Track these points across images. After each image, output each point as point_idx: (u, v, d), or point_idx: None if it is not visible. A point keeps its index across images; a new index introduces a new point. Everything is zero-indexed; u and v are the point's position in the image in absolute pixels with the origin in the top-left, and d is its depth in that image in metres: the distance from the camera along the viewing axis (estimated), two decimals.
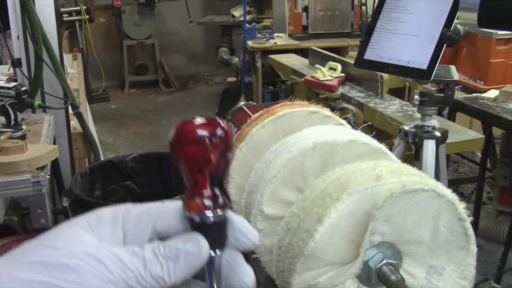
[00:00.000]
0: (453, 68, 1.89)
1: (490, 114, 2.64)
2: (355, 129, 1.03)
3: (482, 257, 3.23)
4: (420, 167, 1.85)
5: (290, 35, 5.50)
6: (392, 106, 2.76)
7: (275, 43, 5.28)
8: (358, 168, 0.81)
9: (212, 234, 0.49)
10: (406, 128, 1.98)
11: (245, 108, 1.25)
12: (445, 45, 1.64)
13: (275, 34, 5.57)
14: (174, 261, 0.47)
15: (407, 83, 3.19)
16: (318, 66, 3.29)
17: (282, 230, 0.82)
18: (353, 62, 1.95)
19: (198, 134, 0.48)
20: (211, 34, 7.82)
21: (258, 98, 5.43)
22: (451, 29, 1.63)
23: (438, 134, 1.92)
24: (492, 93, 2.86)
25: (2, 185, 1.87)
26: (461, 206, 0.78)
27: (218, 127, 0.48)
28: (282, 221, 0.83)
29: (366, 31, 1.81)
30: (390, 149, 0.97)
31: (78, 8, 6.56)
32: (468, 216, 0.78)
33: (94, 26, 7.11)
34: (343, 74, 3.23)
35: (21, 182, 1.88)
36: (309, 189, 0.84)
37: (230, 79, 6.72)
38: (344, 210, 0.75)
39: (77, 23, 6.51)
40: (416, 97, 1.88)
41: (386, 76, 2.88)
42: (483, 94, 2.90)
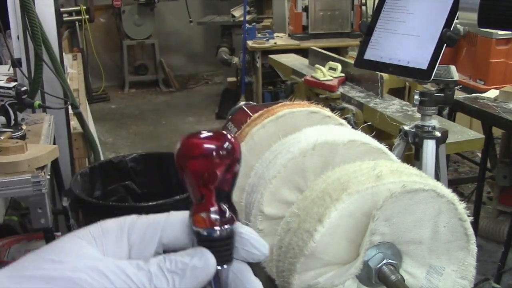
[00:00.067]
0: (453, 68, 1.89)
1: (490, 114, 2.64)
2: (355, 129, 1.02)
3: (482, 257, 3.23)
4: (420, 167, 1.85)
5: (290, 35, 5.50)
6: (392, 106, 2.76)
7: (275, 43, 5.29)
8: (358, 168, 0.81)
9: (219, 249, 0.48)
10: (406, 128, 1.98)
11: (245, 108, 1.25)
12: (445, 45, 1.64)
13: (275, 34, 5.57)
14: (180, 275, 0.46)
15: (407, 83, 3.19)
16: (318, 66, 3.29)
17: (282, 230, 0.82)
18: (353, 62, 1.95)
19: (204, 148, 0.46)
20: (211, 34, 7.82)
21: (258, 98, 5.43)
22: (451, 29, 1.63)
23: (438, 134, 1.92)
24: (492, 93, 2.86)
25: (2, 185, 1.87)
26: (461, 206, 0.78)
27: (225, 141, 0.47)
28: (282, 221, 0.83)
29: (366, 31, 1.81)
30: (390, 149, 0.97)
31: (78, 8, 6.56)
32: (468, 216, 0.78)
33: (94, 26, 7.11)
34: (343, 74, 3.23)
35: (21, 182, 1.88)
36: (309, 189, 0.84)
37: (230, 79, 6.72)
38: (344, 210, 0.75)
39: (77, 23, 6.50)
40: (416, 97, 1.88)
41: (386, 76, 2.88)
42: (483, 94, 2.90)
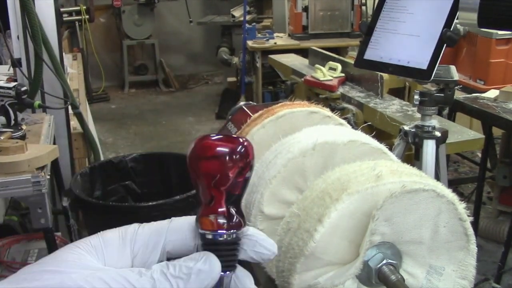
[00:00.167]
0: (453, 68, 1.89)
1: (490, 114, 2.64)
2: (355, 129, 1.02)
3: (482, 257, 3.23)
4: (420, 167, 1.85)
5: (290, 35, 5.50)
6: (392, 106, 2.76)
7: (275, 43, 5.29)
8: (358, 168, 0.81)
9: (223, 253, 0.48)
10: (406, 128, 1.98)
11: (245, 108, 1.25)
12: (445, 45, 1.64)
13: (275, 34, 5.57)
14: (185, 280, 0.45)
15: (407, 83, 3.19)
16: (318, 66, 3.29)
17: (282, 230, 0.82)
18: (353, 62, 1.95)
19: (217, 150, 0.47)
20: (211, 34, 7.82)
21: (258, 98, 5.43)
22: (451, 29, 1.63)
23: (438, 134, 1.92)
24: (492, 93, 2.86)
25: (2, 185, 1.87)
26: (461, 206, 0.78)
27: (239, 144, 0.48)
28: (282, 221, 0.83)
29: (366, 31, 1.81)
30: (390, 149, 0.97)
31: (78, 8, 6.56)
32: (468, 216, 0.78)
33: (94, 26, 7.11)
34: (343, 74, 3.23)
35: (21, 182, 1.88)
36: (309, 189, 0.83)
37: (230, 79, 6.72)
38: (344, 210, 0.75)
39: (77, 23, 6.51)
40: (416, 97, 1.88)
41: (386, 76, 2.88)
42: (483, 94, 2.90)
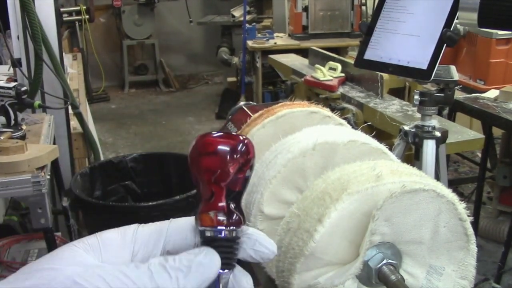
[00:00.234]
0: (453, 68, 1.89)
1: (490, 114, 2.64)
2: (355, 129, 1.02)
3: (482, 257, 3.23)
4: (420, 167, 1.85)
5: (290, 35, 5.50)
6: (392, 106, 2.76)
7: (275, 43, 5.29)
8: (358, 168, 0.81)
9: (222, 250, 0.48)
10: (406, 128, 1.98)
11: (245, 108, 1.25)
12: (445, 45, 1.64)
13: (275, 34, 5.57)
14: (185, 272, 0.45)
15: (407, 83, 3.19)
16: (318, 66, 3.29)
17: (282, 230, 0.82)
18: (353, 62, 1.95)
19: (218, 146, 0.48)
20: (211, 34, 7.82)
21: (258, 98, 5.43)
22: (451, 29, 1.63)
23: (438, 134, 1.92)
24: (492, 93, 2.86)
25: (2, 185, 1.87)
26: (461, 206, 0.78)
27: (239, 141, 0.49)
28: (282, 221, 0.83)
29: (366, 31, 1.81)
30: (390, 149, 0.97)
31: (78, 8, 6.56)
32: (468, 216, 0.78)
33: (94, 26, 7.11)
34: (343, 74, 3.23)
35: (21, 182, 1.88)
36: (309, 189, 0.83)
37: (230, 79, 6.72)
38: (344, 210, 0.75)
39: (77, 23, 6.51)
40: (416, 97, 1.88)
41: (386, 76, 2.88)
42: (483, 94, 2.90)
